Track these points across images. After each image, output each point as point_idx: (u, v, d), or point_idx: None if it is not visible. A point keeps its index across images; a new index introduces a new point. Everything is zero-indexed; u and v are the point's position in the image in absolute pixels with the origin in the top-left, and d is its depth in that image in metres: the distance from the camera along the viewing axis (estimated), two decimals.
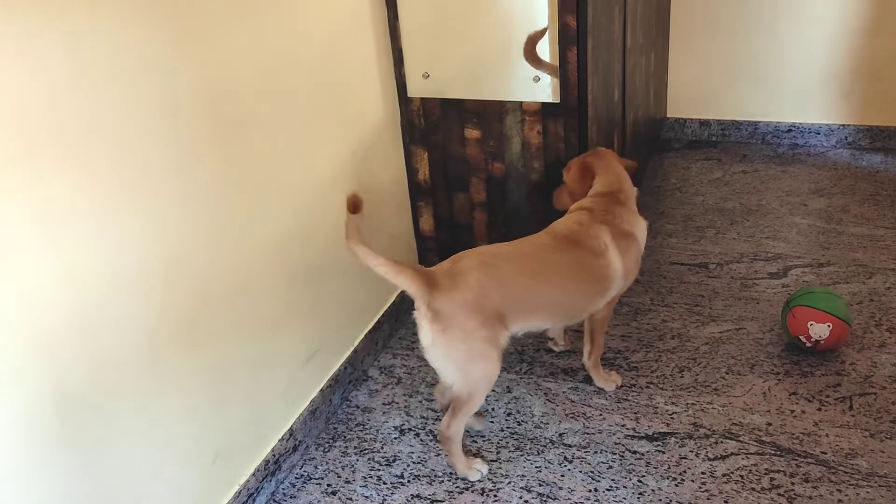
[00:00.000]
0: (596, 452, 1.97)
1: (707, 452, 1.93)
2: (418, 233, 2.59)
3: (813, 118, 3.53)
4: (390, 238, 2.44)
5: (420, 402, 2.19)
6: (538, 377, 2.24)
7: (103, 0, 1.33)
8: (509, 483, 1.91)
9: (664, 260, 2.76)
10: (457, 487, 1.91)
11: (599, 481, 1.88)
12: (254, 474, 1.85)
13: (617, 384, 2.17)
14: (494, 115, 2.29)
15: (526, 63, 2.18)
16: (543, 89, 2.20)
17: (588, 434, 2.03)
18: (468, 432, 2.04)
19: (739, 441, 1.96)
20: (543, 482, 1.90)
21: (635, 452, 1.96)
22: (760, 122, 3.61)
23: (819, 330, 2.15)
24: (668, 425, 2.03)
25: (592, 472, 1.91)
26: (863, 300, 2.45)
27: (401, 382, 2.28)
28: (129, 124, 1.41)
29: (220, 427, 1.74)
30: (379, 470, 1.98)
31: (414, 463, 1.99)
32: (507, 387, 2.21)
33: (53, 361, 1.31)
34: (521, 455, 1.98)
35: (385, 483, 1.94)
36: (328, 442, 2.08)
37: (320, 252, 2.06)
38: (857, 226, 2.88)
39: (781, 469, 1.87)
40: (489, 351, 1.78)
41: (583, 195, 2.03)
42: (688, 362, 2.25)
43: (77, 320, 1.35)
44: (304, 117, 1.94)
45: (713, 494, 1.82)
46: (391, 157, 2.40)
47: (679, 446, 1.96)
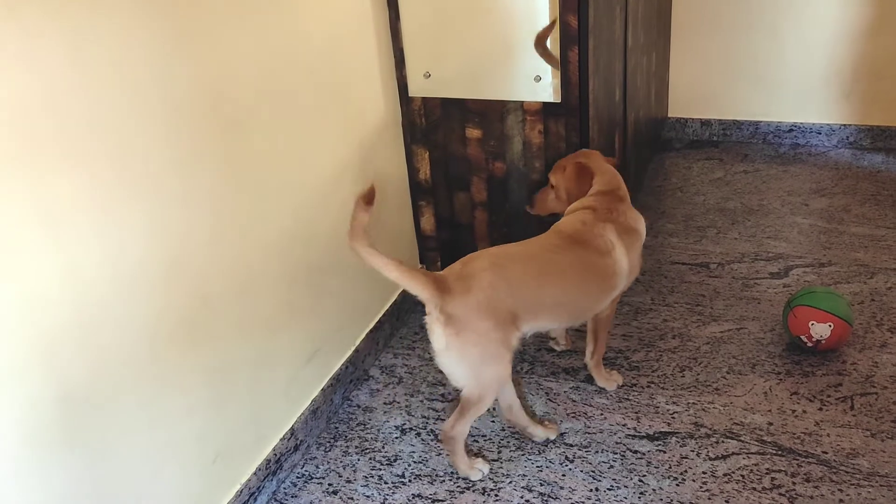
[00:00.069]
0: (597, 452, 1.97)
1: (708, 452, 1.93)
2: (419, 232, 2.59)
3: (814, 118, 3.53)
4: (391, 237, 2.44)
5: (421, 402, 2.19)
6: (539, 377, 2.24)
7: (105, 0, 1.33)
8: (510, 482, 1.91)
9: (665, 259, 2.76)
10: (458, 487, 1.91)
11: (600, 481, 1.88)
12: (255, 474, 1.85)
13: (618, 384, 2.17)
14: (495, 115, 2.29)
15: (527, 63, 2.18)
16: (545, 89, 2.20)
17: (589, 433, 2.03)
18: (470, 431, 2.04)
19: (740, 441, 1.96)
20: (544, 482, 1.90)
21: (636, 452, 1.95)
22: (762, 122, 3.60)
23: (820, 330, 2.14)
24: (670, 425, 2.03)
25: (593, 472, 1.91)
26: (864, 300, 2.45)
27: (402, 382, 2.28)
28: (130, 124, 1.41)
29: (221, 426, 1.74)
30: (380, 469, 1.98)
31: (415, 462, 1.99)
32: None
33: (54, 361, 1.31)
34: (523, 454, 1.98)
35: (386, 482, 1.94)
36: (329, 441, 2.08)
37: (321, 251, 2.06)
38: (859, 226, 2.88)
39: (782, 469, 1.87)
40: (502, 352, 1.78)
41: (580, 195, 2.03)
42: (689, 362, 2.24)
43: (78, 320, 1.35)
44: (305, 117, 1.94)
45: (714, 494, 1.82)
46: (392, 157, 2.40)
47: (680, 446, 1.96)
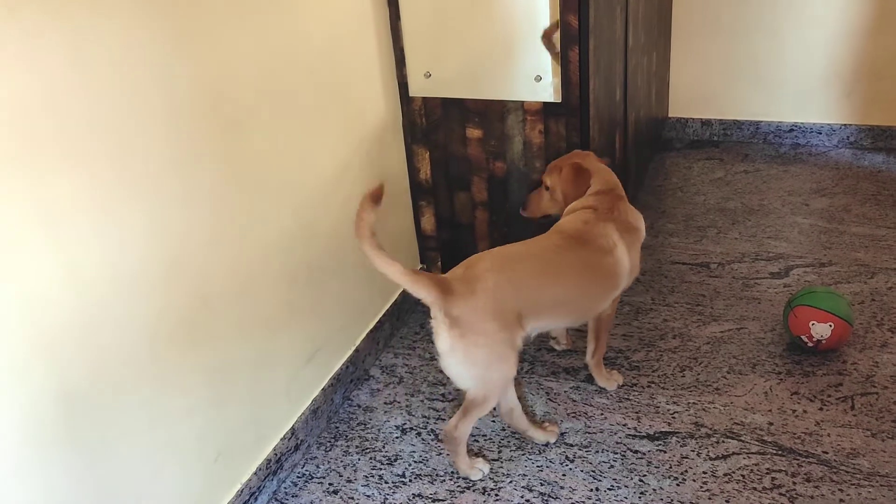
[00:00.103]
0: (597, 452, 1.97)
1: (708, 452, 1.93)
2: (420, 232, 2.59)
3: (815, 118, 3.53)
4: (392, 237, 2.44)
5: (422, 402, 2.19)
6: (539, 377, 2.24)
7: (105, 0, 1.33)
8: (511, 482, 1.91)
9: (665, 259, 2.75)
10: (458, 487, 1.91)
11: (601, 481, 1.88)
12: (255, 473, 1.85)
13: (618, 383, 2.17)
14: (496, 115, 2.29)
15: (527, 63, 2.18)
16: (545, 89, 2.20)
17: (589, 433, 2.03)
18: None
19: (741, 440, 1.96)
20: (545, 481, 1.90)
21: (637, 452, 1.95)
22: (762, 122, 3.60)
23: (821, 329, 2.14)
24: (670, 425, 2.03)
25: (594, 472, 1.91)
26: (864, 300, 2.45)
27: (402, 382, 2.28)
28: (130, 124, 1.41)
29: (222, 426, 1.74)
30: (380, 469, 1.98)
31: (415, 462, 1.99)
32: None
33: (55, 361, 1.31)
34: (523, 454, 1.98)
35: (387, 482, 1.94)
36: (330, 441, 2.08)
37: (321, 251, 2.06)
38: (859, 225, 2.88)
39: (783, 469, 1.87)
40: (508, 353, 1.78)
41: (578, 196, 2.03)
42: (689, 362, 2.24)
43: (78, 320, 1.35)
44: (306, 117, 1.94)
45: (714, 494, 1.82)
46: (392, 157, 2.40)
47: (680, 446, 1.96)
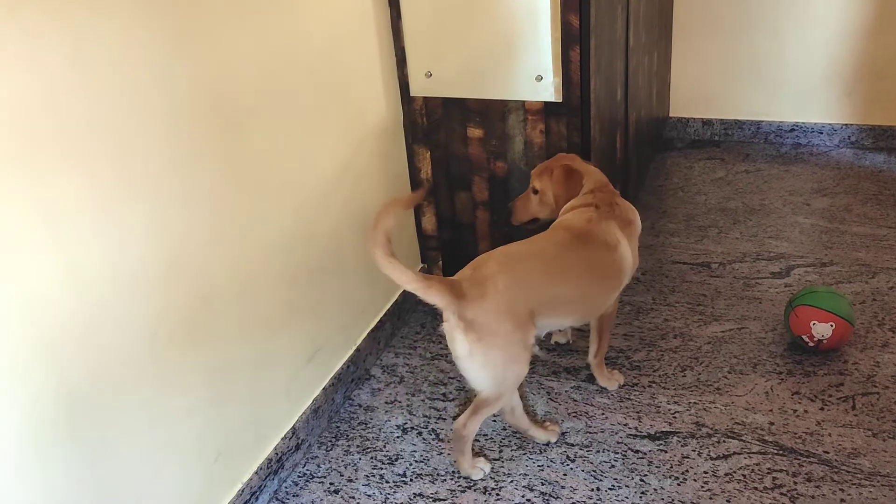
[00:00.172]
0: (598, 451, 1.97)
1: (709, 452, 1.93)
2: (420, 232, 2.59)
3: (816, 118, 3.53)
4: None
5: (423, 401, 2.19)
6: (540, 376, 2.24)
7: (106, 0, 1.33)
8: (512, 482, 1.91)
9: (666, 259, 2.75)
10: (459, 486, 1.91)
11: (602, 480, 1.88)
12: (256, 473, 1.85)
13: (619, 383, 2.17)
14: (497, 115, 2.29)
15: (528, 62, 2.17)
16: (546, 88, 2.20)
17: (590, 433, 2.03)
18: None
19: (742, 440, 1.96)
20: (546, 481, 1.90)
21: (637, 452, 1.95)
22: (763, 122, 3.60)
23: (822, 329, 2.14)
24: (671, 424, 2.03)
25: (595, 472, 1.91)
26: (865, 300, 2.45)
27: (403, 381, 2.28)
28: (130, 124, 1.41)
29: (222, 426, 1.74)
30: (381, 469, 1.98)
31: (416, 462, 1.99)
32: None
33: (55, 361, 1.31)
34: (524, 454, 1.98)
35: (387, 482, 1.94)
36: (331, 441, 2.08)
37: (322, 251, 2.06)
38: (860, 225, 2.87)
39: (784, 468, 1.87)
40: (522, 353, 1.79)
41: (571, 197, 2.04)
42: (690, 361, 2.24)
43: (78, 319, 1.35)
44: (306, 117, 1.94)
45: (715, 494, 1.82)
46: (393, 157, 2.40)
47: (681, 445, 1.96)
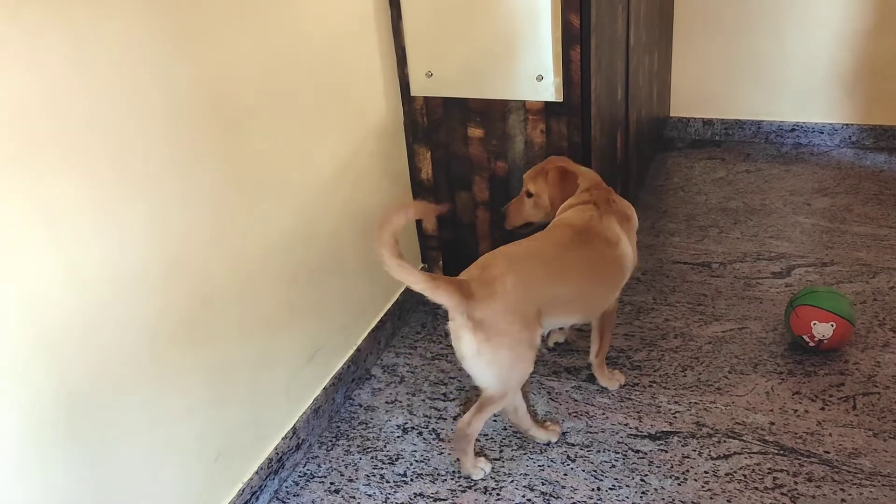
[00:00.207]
0: (599, 451, 1.97)
1: (710, 452, 1.93)
2: (421, 232, 2.59)
3: (816, 117, 3.53)
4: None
5: (423, 401, 2.19)
6: (541, 376, 2.24)
7: (106, 0, 1.33)
8: (512, 482, 1.91)
9: (667, 259, 2.75)
10: (459, 486, 1.91)
11: (602, 480, 1.88)
12: (257, 472, 1.85)
13: (620, 383, 2.17)
14: (497, 114, 2.29)
15: (529, 62, 2.17)
16: (546, 88, 2.20)
17: (591, 433, 2.02)
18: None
19: (742, 440, 1.96)
20: (546, 481, 1.90)
21: (638, 451, 1.95)
22: (764, 122, 3.60)
23: (822, 329, 2.14)
24: (671, 424, 2.02)
25: (595, 471, 1.91)
26: (866, 299, 2.44)
27: (404, 381, 2.28)
28: (130, 124, 1.41)
29: (223, 426, 1.74)
30: (382, 468, 1.98)
31: (417, 461, 1.99)
32: None
33: (55, 361, 1.31)
34: (524, 454, 1.98)
35: (388, 481, 1.94)
36: (331, 440, 2.08)
37: (322, 251, 2.06)
38: (861, 225, 2.87)
39: (784, 468, 1.87)
40: (528, 352, 1.80)
41: (566, 198, 2.04)
42: (691, 361, 2.24)
43: (78, 320, 1.35)
44: (306, 116, 1.94)
45: (716, 494, 1.81)
46: (394, 156, 2.40)
47: (682, 445, 1.96)
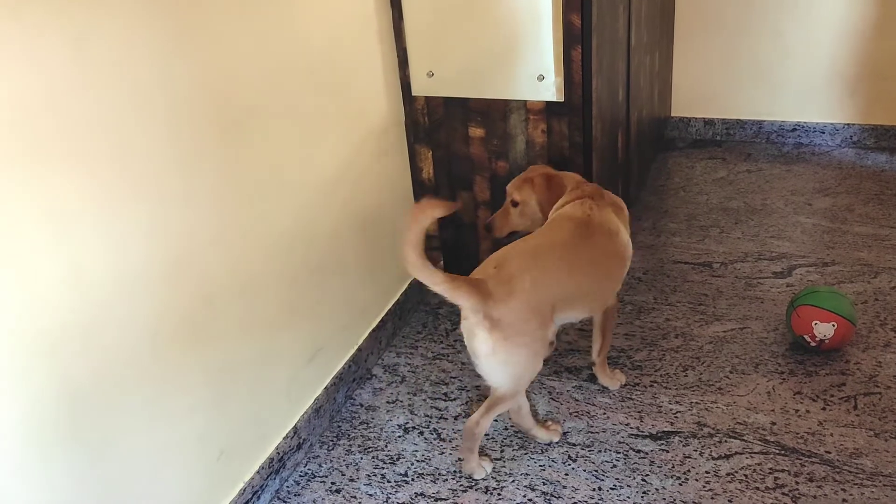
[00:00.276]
0: (600, 451, 1.97)
1: (711, 451, 1.93)
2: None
3: (818, 117, 3.52)
4: (394, 236, 2.44)
5: (424, 401, 2.19)
6: (542, 376, 2.24)
7: (107, 0, 1.33)
8: (513, 481, 1.91)
9: (668, 259, 2.75)
10: (461, 486, 1.91)
11: (603, 480, 1.88)
12: (258, 472, 1.85)
13: (621, 383, 2.17)
14: (498, 114, 2.29)
15: (530, 62, 2.18)
16: (548, 88, 2.20)
17: (592, 433, 2.03)
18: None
19: (743, 440, 1.96)
20: (547, 481, 1.90)
21: (639, 451, 1.95)
22: (765, 122, 3.60)
23: (824, 329, 2.14)
24: (672, 424, 2.03)
25: (596, 471, 1.91)
26: (868, 299, 2.44)
27: (405, 381, 2.28)
28: (133, 124, 1.41)
29: (224, 425, 1.74)
30: (383, 468, 1.98)
31: (418, 461, 1.99)
32: None
33: (57, 361, 1.32)
34: (525, 454, 1.98)
35: (389, 481, 1.94)
36: (332, 440, 2.08)
37: (323, 251, 2.06)
38: (862, 225, 2.87)
39: (786, 468, 1.87)
40: (542, 350, 1.81)
41: (555, 201, 2.04)
42: (692, 361, 2.24)
43: (81, 319, 1.35)
44: (308, 117, 1.94)
45: (717, 493, 1.82)
46: (395, 156, 2.40)
47: (683, 445, 1.96)
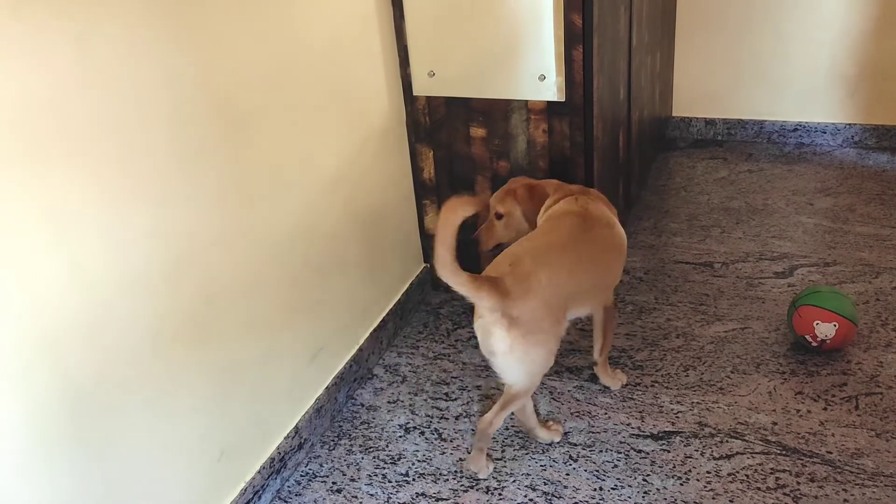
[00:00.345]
0: (601, 451, 1.97)
1: (712, 452, 1.93)
2: (423, 231, 2.59)
3: (819, 117, 3.52)
4: (395, 236, 2.44)
5: (425, 401, 2.19)
6: (543, 376, 2.23)
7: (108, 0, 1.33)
8: (514, 481, 1.91)
9: (669, 259, 2.75)
10: (462, 486, 1.91)
11: (604, 480, 1.88)
12: (259, 472, 1.85)
13: (622, 383, 2.17)
14: (500, 114, 2.29)
15: (531, 62, 2.17)
16: (549, 88, 2.20)
17: (593, 433, 2.03)
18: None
19: (745, 440, 1.95)
20: (548, 481, 1.90)
21: (640, 451, 1.95)
22: (766, 121, 3.60)
23: (825, 329, 2.14)
24: (674, 424, 2.02)
25: (597, 471, 1.91)
26: (869, 300, 2.44)
27: (406, 381, 2.28)
28: (136, 123, 1.41)
29: (226, 425, 1.74)
30: (384, 468, 1.98)
31: (419, 461, 1.99)
32: None
33: (59, 360, 1.32)
34: (527, 453, 1.98)
35: (390, 481, 1.94)
36: (333, 440, 2.08)
37: (325, 251, 2.06)
38: (864, 225, 2.87)
39: (787, 468, 1.87)
40: (555, 347, 1.82)
41: (539, 209, 2.05)
42: (693, 361, 2.24)
43: (83, 319, 1.35)
44: (309, 116, 1.94)
45: (718, 494, 1.81)
46: (396, 156, 2.40)
47: (684, 445, 1.96)
